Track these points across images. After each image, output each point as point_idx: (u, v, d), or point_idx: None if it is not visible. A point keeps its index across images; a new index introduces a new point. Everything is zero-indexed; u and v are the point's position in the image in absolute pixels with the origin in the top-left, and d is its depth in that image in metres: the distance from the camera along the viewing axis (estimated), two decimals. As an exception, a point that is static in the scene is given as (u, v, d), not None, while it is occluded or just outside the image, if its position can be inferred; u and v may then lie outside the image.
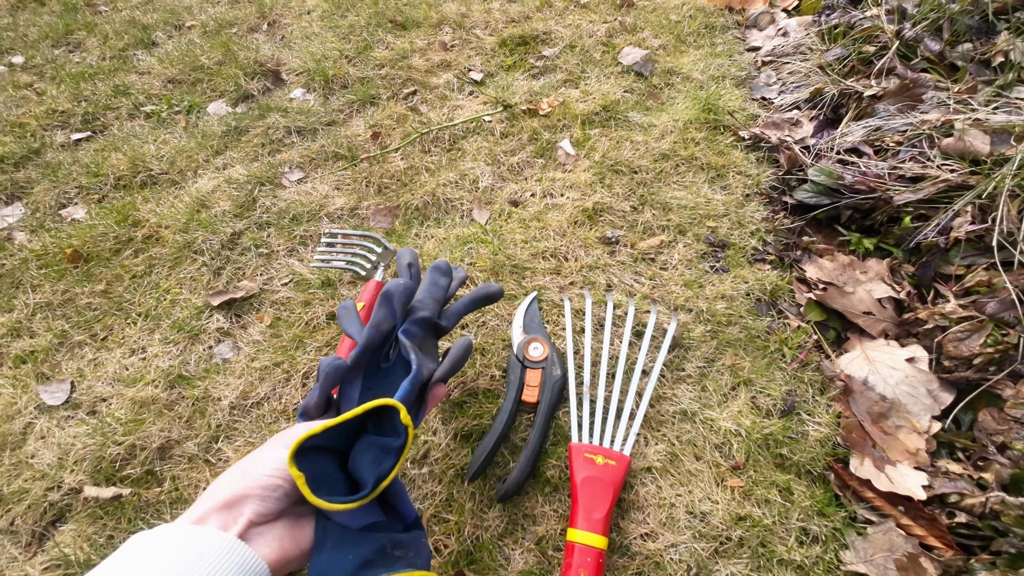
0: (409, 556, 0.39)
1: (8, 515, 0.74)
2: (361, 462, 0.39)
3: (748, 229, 0.99)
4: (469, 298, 0.58)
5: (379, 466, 0.38)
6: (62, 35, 1.70)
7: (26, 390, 0.86)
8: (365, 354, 0.45)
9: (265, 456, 0.38)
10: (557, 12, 1.59)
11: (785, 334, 0.86)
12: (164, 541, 0.33)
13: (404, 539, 0.40)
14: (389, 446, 0.39)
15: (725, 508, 0.70)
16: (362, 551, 0.37)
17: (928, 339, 0.80)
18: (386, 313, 0.47)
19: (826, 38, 1.30)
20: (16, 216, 1.15)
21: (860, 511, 0.69)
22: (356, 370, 0.46)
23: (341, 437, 0.40)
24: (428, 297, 0.54)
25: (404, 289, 0.48)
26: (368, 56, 1.46)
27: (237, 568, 0.33)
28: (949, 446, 0.74)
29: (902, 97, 1.05)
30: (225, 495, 0.36)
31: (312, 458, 0.37)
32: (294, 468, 0.35)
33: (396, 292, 0.47)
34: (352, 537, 0.37)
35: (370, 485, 0.38)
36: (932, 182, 0.89)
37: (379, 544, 0.38)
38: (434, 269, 0.56)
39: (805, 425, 0.76)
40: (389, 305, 0.47)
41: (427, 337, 0.53)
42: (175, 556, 0.32)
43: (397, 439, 0.39)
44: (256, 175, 1.15)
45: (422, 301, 0.53)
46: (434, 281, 0.55)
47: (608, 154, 1.13)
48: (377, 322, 0.46)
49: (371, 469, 0.38)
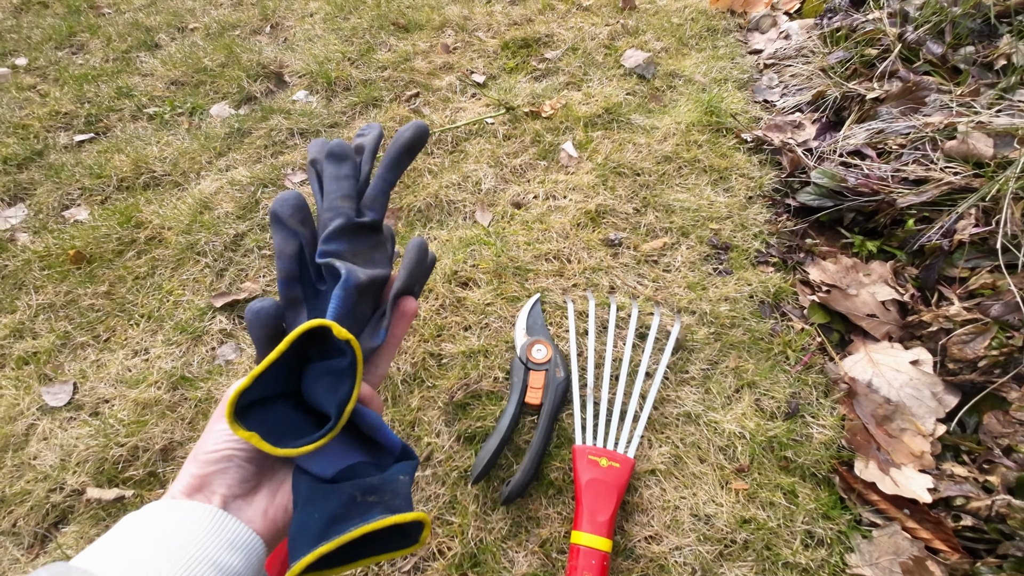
0: (385, 499, 0.35)
1: (10, 516, 0.74)
2: (316, 393, 0.35)
3: (751, 231, 0.99)
4: (388, 161, 0.43)
5: (337, 392, 0.34)
6: (65, 37, 1.71)
7: (29, 391, 0.86)
8: (290, 288, 0.39)
9: (210, 433, 0.36)
10: (559, 15, 1.60)
11: (789, 336, 0.85)
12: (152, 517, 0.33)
13: (375, 483, 0.35)
14: (338, 367, 0.35)
15: (730, 511, 0.69)
16: (328, 506, 0.33)
17: (932, 342, 0.80)
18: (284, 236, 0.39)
19: (828, 41, 1.30)
20: (19, 217, 1.15)
21: (865, 514, 0.69)
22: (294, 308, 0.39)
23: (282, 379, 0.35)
24: (334, 197, 0.41)
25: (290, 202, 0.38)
26: (371, 58, 1.46)
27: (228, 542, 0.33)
28: (954, 449, 0.73)
29: (905, 100, 1.05)
30: (188, 481, 0.34)
31: (261, 412, 0.34)
32: (241, 429, 0.32)
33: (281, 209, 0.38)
34: (320, 491, 0.34)
35: (334, 414, 0.34)
36: (935, 185, 0.89)
37: (346, 495, 0.34)
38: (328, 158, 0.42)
39: (809, 428, 0.76)
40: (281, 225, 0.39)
41: (359, 245, 0.41)
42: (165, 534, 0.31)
43: (343, 358, 0.35)
44: (259, 177, 1.15)
45: (330, 207, 0.40)
46: (333, 175, 0.41)
47: (611, 156, 1.13)
48: (279, 249, 0.38)
49: (329, 397, 0.34)
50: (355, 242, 0.41)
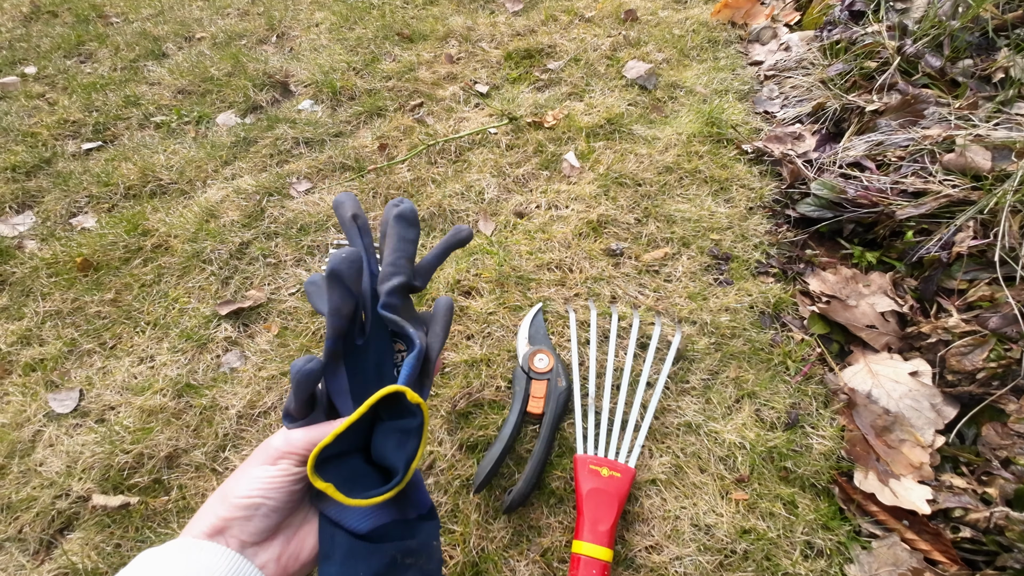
0: (421, 562, 0.39)
1: (16, 523, 0.75)
2: (385, 449, 0.38)
3: (751, 242, 1.00)
4: (441, 247, 0.48)
5: (405, 448, 0.38)
6: (74, 46, 1.73)
7: (35, 398, 0.87)
8: (336, 344, 0.41)
9: (244, 476, 0.37)
10: (562, 26, 1.61)
11: (789, 347, 0.86)
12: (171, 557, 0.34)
13: (413, 546, 0.39)
14: (408, 427, 0.38)
15: (730, 521, 0.70)
16: (372, 565, 0.36)
17: (931, 353, 0.81)
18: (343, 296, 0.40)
19: (828, 53, 1.31)
20: (27, 224, 1.16)
21: (865, 525, 0.69)
22: (334, 362, 0.41)
23: (354, 435, 0.39)
24: (401, 257, 0.45)
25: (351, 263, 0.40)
26: (375, 68, 1.48)
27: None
28: (953, 460, 0.74)
29: (903, 112, 1.06)
30: (211, 521, 0.36)
31: (336, 464, 0.37)
32: (319, 480, 0.35)
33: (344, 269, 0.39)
34: (362, 549, 0.37)
35: (401, 469, 0.37)
36: (934, 197, 0.90)
37: (389, 556, 0.37)
38: (400, 220, 0.46)
39: (809, 438, 0.77)
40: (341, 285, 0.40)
41: (407, 303, 0.47)
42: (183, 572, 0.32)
43: (413, 419, 0.39)
44: (264, 185, 1.16)
45: (395, 264, 0.45)
46: (402, 236, 0.46)
47: (612, 167, 1.15)
48: (336, 307, 0.40)
49: (398, 453, 0.38)
50: (405, 300, 0.46)
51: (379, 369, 0.43)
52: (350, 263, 0.40)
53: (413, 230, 0.46)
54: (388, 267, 0.45)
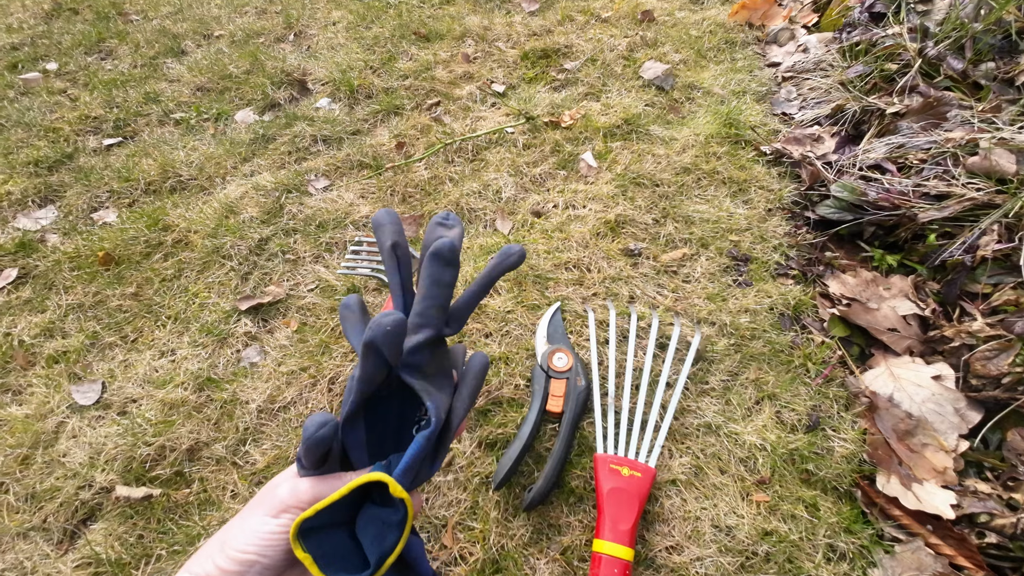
0: None
1: (41, 512, 0.76)
2: (364, 535, 0.36)
3: (771, 243, 1.00)
4: (485, 279, 0.41)
5: (382, 543, 0.35)
6: (95, 43, 1.75)
7: (59, 390, 0.88)
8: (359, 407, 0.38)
9: (244, 527, 0.37)
10: (579, 26, 1.61)
11: (809, 349, 0.86)
12: None
13: None
14: (389, 520, 0.35)
15: (751, 523, 0.70)
16: None
17: (954, 357, 0.80)
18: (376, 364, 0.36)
19: (847, 55, 1.31)
20: (49, 219, 1.17)
21: (888, 529, 0.69)
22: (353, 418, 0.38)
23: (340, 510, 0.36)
24: (431, 307, 0.40)
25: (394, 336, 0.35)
26: (392, 67, 1.49)
27: None
28: (977, 465, 0.73)
29: (925, 115, 1.05)
30: (207, 570, 0.35)
31: (319, 535, 0.35)
32: (300, 550, 0.33)
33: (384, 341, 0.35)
34: None
35: (373, 566, 0.35)
36: (958, 200, 0.89)
37: None
38: (435, 260, 0.39)
39: (830, 441, 0.76)
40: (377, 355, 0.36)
41: (434, 357, 0.41)
42: None
43: (395, 513, 0.35)
44: (283, 182, 1.17)
45: (423, 315, 0.39)
46: (436, 280, 0.40)
47: (630, 167, 1.14)
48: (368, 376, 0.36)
49: (373, 547, 0.35)
50: (434, 354, 0.40)
51: (400, 423, 0.41)
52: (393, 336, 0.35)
53: (450, 272, 0.40)
54: (416, 317, 0.39)
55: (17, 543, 0.73)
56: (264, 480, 0.77)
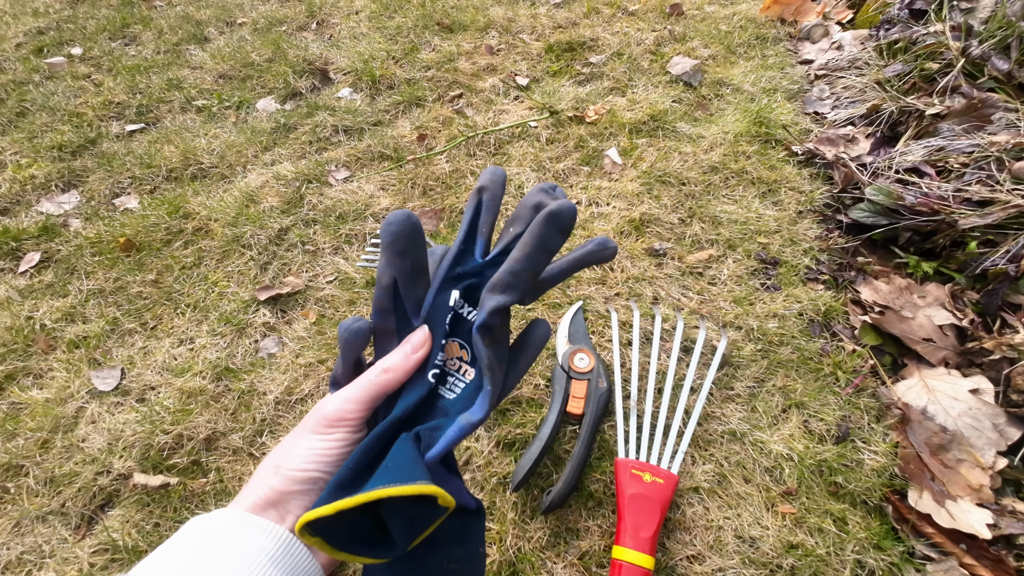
0: (465, 570, 0.37)
1: (59, 496, 0.76)
2: (393, 521, 0.32)
3: (801, 247, 0.97)
4: (576, 260, 0.38)
5: (411, 529, 0.32)
6: (119, 28, 1.75)
7: (78, 375, 0.88)
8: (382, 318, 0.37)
9: (297, 448, 0.36)
10: (605, 19, 1.58)
11: (839, 357, 0.83)
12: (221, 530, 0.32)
13: (461, 553, 0.37)
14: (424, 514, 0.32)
15: (776, 534, 0.68)
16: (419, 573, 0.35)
17: (994, 370, 0.77)
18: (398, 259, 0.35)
19: (884, 53, 1.26)
20: (72, 203, 1.18)
21: (919, 547, 0.66)
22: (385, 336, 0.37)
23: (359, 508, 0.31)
24: (528, 270, 0.34)
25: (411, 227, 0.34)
26: (415, 58, 1.47)
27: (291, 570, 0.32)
28: (1015, 484, 0.70)
29: (968, 117, 1.01)
30: (266, 493, 0.34)
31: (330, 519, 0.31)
32: (307, 536, 0.30)
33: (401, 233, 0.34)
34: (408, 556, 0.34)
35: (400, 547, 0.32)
36: (1002, 207, 0.85)
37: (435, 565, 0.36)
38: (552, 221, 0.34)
39: (860, 453, 0.74)
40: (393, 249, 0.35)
41: (504, 323, 0.37)
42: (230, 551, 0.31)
43: (434, 513, 0.32)
44: (303, 172, 1.16)
45: (518, 276, 0.34)
46: (544, 244, 0.34)
47: (656, 164, 1.12)
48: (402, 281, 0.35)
49: (404, 532, 0.32)
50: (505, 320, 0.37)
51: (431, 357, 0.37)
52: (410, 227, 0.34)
53: (560, 239, 0.35)
54: (508, 276, 0.34)
55: (36, 526, 0.74)
56: (280, 472, 0.76)
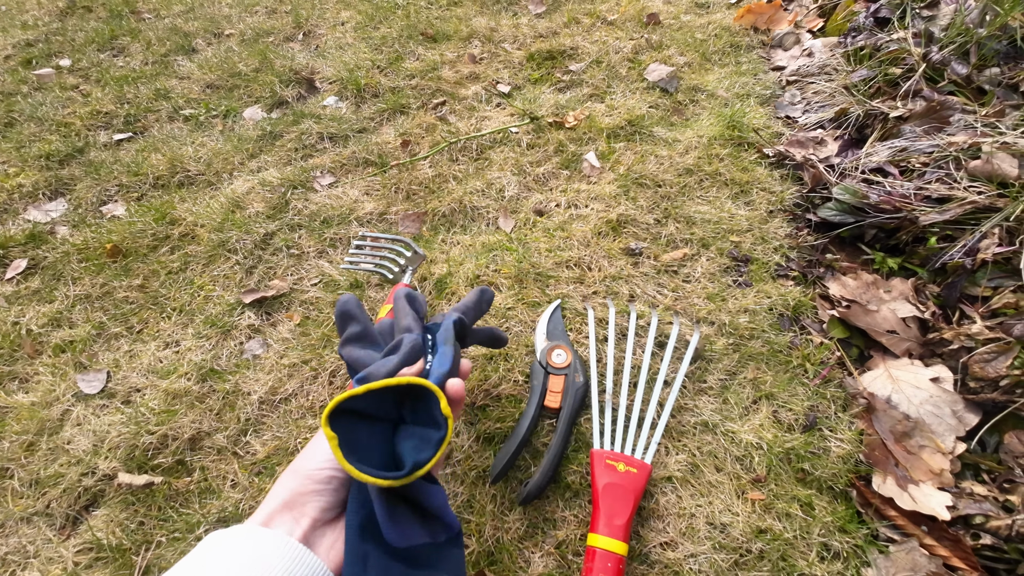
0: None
1: (44, 498, 0.77)
2: (403, 447, 0.39)
3: (771, 245, 1.00)
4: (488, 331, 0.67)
5: (418, 454, 0.38)
6: (107, 40, 1.77)
7: (64, 378, 0.89)
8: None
9: (315, 450, 0.39)
10: (584, 28, 1.62)
11: (808, 350, 0.86)
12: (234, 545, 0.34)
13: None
14: (430, 437, 0.39)
15: (745, 520, 0.70)
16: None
17: (953, 359, 0.80)
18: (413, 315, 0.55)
19: (852, 59, 1.31)
20: (59, 211, 1.19)
21: (882, 529, 0.69)
22: None
23: (380, 405, 0.39)
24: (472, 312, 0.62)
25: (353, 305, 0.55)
26: (399, 67, 1.50)
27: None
28: (974, 467, 0.73)
29: (928, 119, 1.05)
30: (285, 495, 0.36)
31: (349, 422, 0.37)
32: (327, 427, 0.35)
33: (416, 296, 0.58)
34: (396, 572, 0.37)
35: (407, 468, 0.37)
36: (959, 203, 0.89)
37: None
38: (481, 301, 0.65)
39: (827, 441, 0.76)
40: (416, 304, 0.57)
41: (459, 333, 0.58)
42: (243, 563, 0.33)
43: (437, 431, 0.39)
44: (289, 178, 1.18)
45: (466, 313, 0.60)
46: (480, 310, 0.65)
47: (633, 167, 1.15)
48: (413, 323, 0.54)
49: (411, 453, 0.38)
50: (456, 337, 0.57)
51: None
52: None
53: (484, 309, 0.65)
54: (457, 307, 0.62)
55: (21, 527, 0.75)
56: (264, 470, 0.78)
